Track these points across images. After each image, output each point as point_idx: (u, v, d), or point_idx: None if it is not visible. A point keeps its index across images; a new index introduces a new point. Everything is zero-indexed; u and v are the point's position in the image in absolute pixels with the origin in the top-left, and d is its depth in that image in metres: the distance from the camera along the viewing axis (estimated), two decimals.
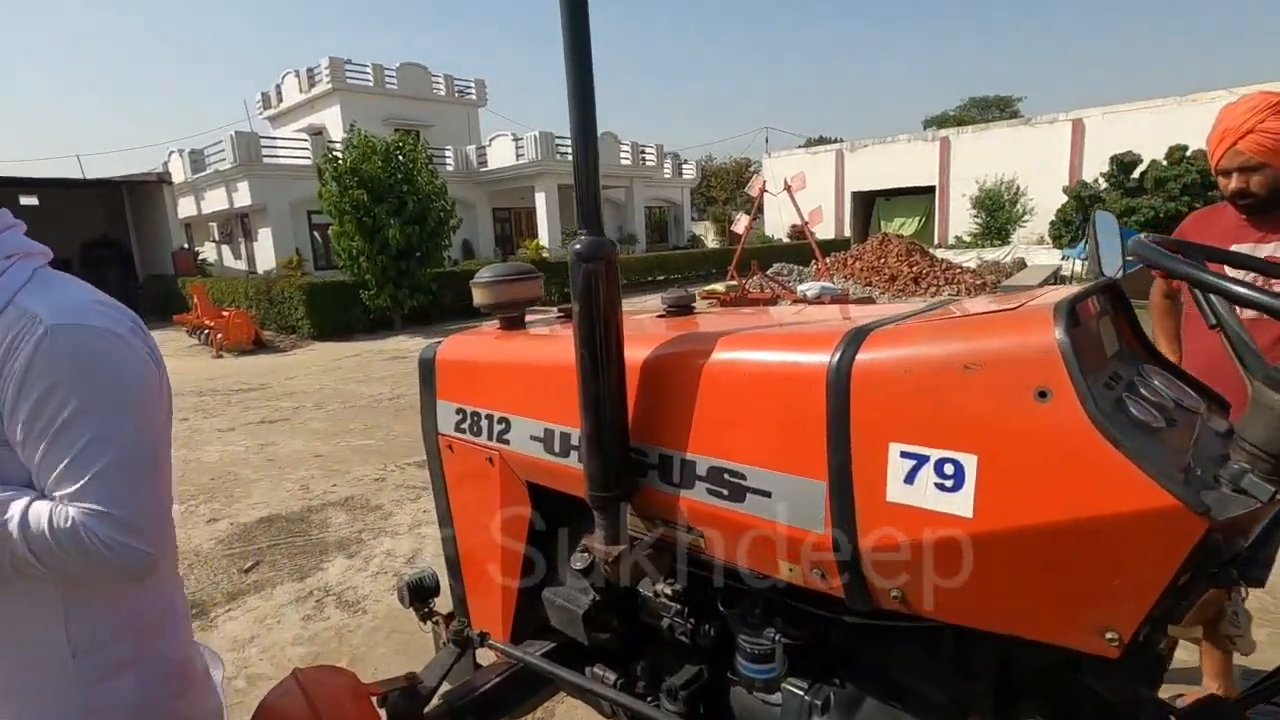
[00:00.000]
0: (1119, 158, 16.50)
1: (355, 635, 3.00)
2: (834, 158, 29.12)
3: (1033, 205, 22.34)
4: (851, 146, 29.14)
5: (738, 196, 42.29)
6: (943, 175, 26.10)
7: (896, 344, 0.92)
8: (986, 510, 0.83)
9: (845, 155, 29.04)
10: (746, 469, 1.05)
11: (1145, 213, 14.94)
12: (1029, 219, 22.43)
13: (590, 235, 1.10)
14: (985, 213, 23.06)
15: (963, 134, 26.75)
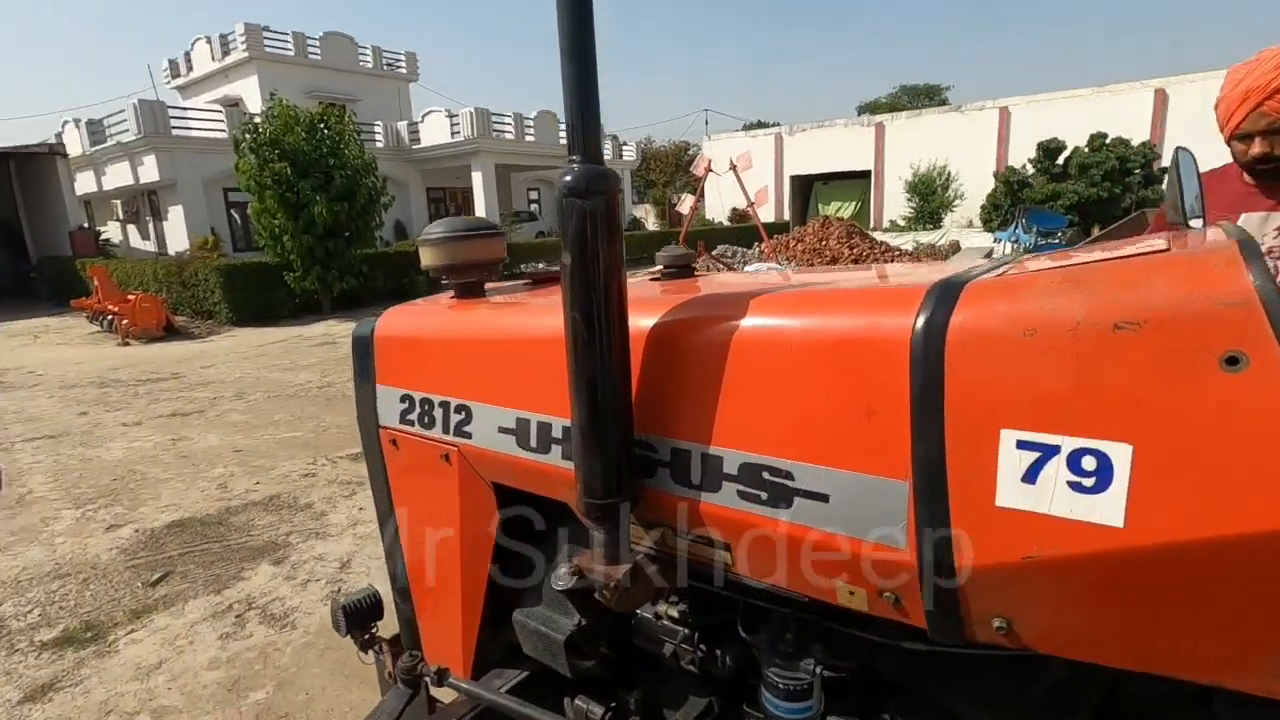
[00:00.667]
0: (1045, 144, 17.12)
1: (283, 654, 2.65)
2: (773, 141, 29.29)
3: (963, 190, 23.03)
4: (790, 130, 29.36)
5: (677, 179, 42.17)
6: (878, 160, 26.61)
7: (1011, 298, 0.70)
8: (1144, 518, 0.62)
9: (784, 139, 29.24)
10: (794, 465, 0.81)
11: (1070, 197, 15.55)
12: (960, 203, 23.13)
13: (584, 164, 0.83)
14: (919, 197, 23.65)
15: (897, 119, 27.30)
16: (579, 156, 0.83)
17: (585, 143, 0.83)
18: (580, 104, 0.83)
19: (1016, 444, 0.67)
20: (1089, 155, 16.05)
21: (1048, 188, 16.21)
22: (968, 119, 24.87)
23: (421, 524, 1.35)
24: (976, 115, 24.61)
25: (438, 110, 24.30)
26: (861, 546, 0.77)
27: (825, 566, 0.82)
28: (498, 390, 1.13)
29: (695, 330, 0.91)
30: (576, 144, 0.84)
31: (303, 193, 11.49)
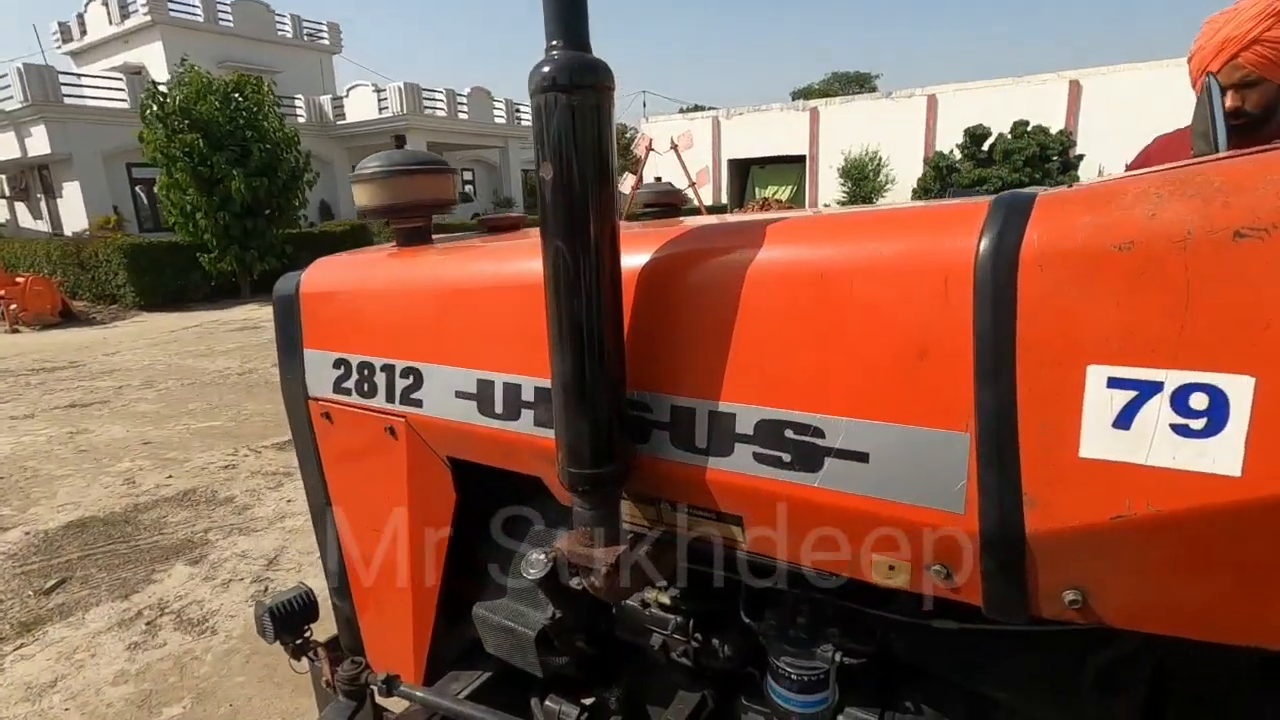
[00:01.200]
0: (971, 130, 17.70)
1: (202, 663, 2.39)
2: (711, 125, 29.31)
3: (894, 175, 23.64)
4: (728, 114, 29.43)
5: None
6: (813, 145, 27.00)
7: (1099, 210, 0.58)
8: (1267, 464, 0.51)
9: (721, 123, 29.30)
10: (825, 420, 0.68)
11: (995, 182, 16.13)
12: (892, 187, 23.74)
13: (567, 50, 0.67)
14: (852, 181, 24.12)
15: (830, 105, 27.74)
16: (560, 42, 0.67)
17: (567, 26, 0.67)
18: None
19: (1107, 382, 0.56)
20: (1012, 142, 16.71)
21: (974, 173, 16.79)
22: (897, 105, 25.50)
23: (363, 510, 1.17)
24: (906, 102, 25.26)
25: (364, 85, 23.19)
26: (908, 513, 0.65)
27: (861, 539, 0.70)
28: (454, 349, 0.95)
29: (699, 267, 0.77)
30: (557, 28, 0.67)
31: (217, 167, 10.69)
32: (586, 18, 0.68)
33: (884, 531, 0.68)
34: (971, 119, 19.16)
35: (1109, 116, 20.08)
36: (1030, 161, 16.30)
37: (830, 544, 0.72)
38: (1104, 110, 20.62)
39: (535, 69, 0.68)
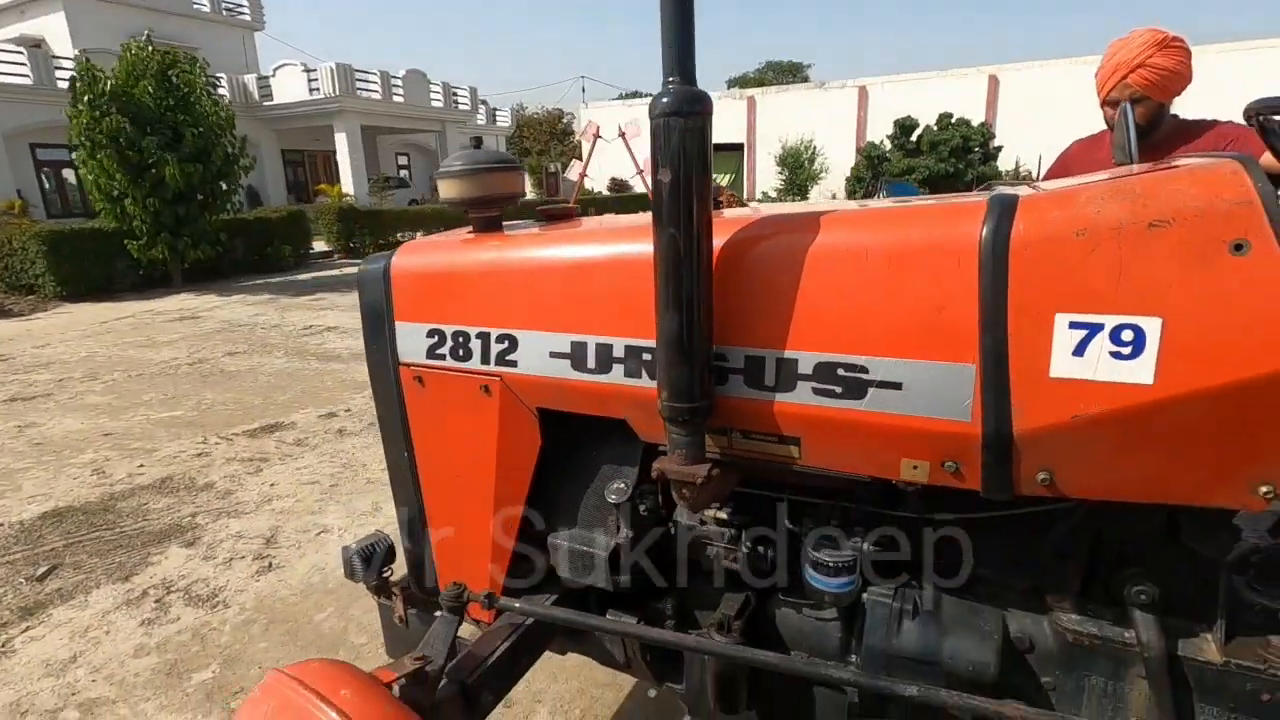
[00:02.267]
0: (901, 121, 18.55)
1: (221, 634, 2.49)
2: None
3: (828, 164, 24.45)
4: None
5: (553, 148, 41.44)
6: (750, 134, 27.57)
7: (1064, 207, 0.85)
8: (1170, 375, 0.79)
9: None
10: (869, 360, 0.93)
11: (922, 171, 17.04)
12: (825, 175, 24.55)
13: (681, 84, 0.89)
14: (788, 170, 24.82)
15: (767, 94, 28.37)
16: (676, 78, 0.89)
17: (682, 64, 0.89)
18: (678, 27, 0.88)
19: (1069, 325, 0.83)
20: (938, 134, 17.65)
21: (904, 162, 17.67)
22: (830, 96, 26.33)
23: (452, 457, 1.36)
24: (838, 93, 26.11)
25: (292, 64, 22.24)
26: (931, 424, 0.91)
27: (894, 446, 0.96)
28: (549, 316, 1.16)
29: (767, 247, 1.00)
30: (674, 66, 0.89)
31: (147, 151, 10.19)
32: (694, 57, 0.90)
33: (911, 439, 0.94)
34: (900, 110, 20.07)
35: (1024, 110, 21.39)
36: (954, 152, 17.25)
37: (870, 452, 0.98)
38: (1019, 104, 21.94)
39: (656, 98, 0.90)
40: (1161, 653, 0.95)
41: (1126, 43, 1.98)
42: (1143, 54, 1.92)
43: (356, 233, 15.61)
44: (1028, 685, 1.08)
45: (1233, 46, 19.55)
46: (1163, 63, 1.89)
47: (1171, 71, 1.87)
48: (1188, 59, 1.89)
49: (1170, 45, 1.88)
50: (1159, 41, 1.90)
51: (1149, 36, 1.94)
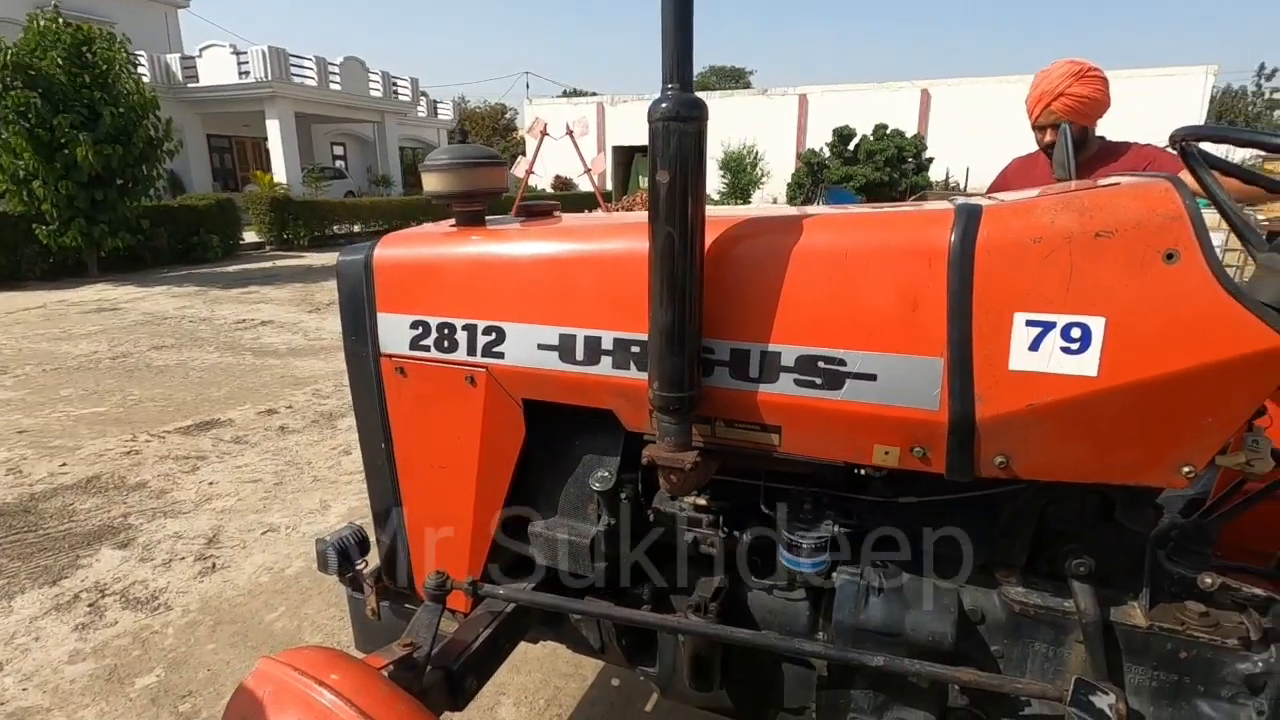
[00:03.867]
0: (839, 130, 19.17)
1: (164, 637, 2.40)
2: (596, 110, 29.47)
3: (769, 169, 25.01)
4: (612, 100, 29.73)
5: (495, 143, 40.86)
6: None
7: (1023, 217, 0.94)
8: (1112, 368, 0.89)
9: (606, 109, 29.55)
10: (847, 354, 1.01)
11: (859, 179, 17.66)
12: (767, 180, 25.10)
13: (681, 91, 0.94)
14: (730, 173, 25.26)
15: (711, 98, 28.77)
16: (676, 85, 0.94)
17: (681, 72, 0.94)
18: (677, 36, 0.93)
19: (1026, 322, 0.92)
20: (874, 143, 18.34)
21: (842, 170, 18.28)
22: (772, 102, 26.95)
23: (433, 448, 1.37)
24: (780, 100, 26.76)
25: (220, 45, 21.18)
26: (902, 413, 1.00)
27: (868, 433, 1.03)
28: (536, 310, 1.19)
29: (753, 246, 1.07)
30: (673, 73, 0.94)
31: (60, 130, 9.54)
32: (692, 66, 0.96)
33: (884, 426, 1.02)
34: (838, 119, 20.74)
35: (954, 124, 22.46)
36: (890, 162, 17.97)
37: (845, 439, 1.06)
38: (950, 118, 23.01)
39: (655, 104, 0.95)
40: (1096, 619, 1.06)
41: (1049, 73, 2.16)
42: (1063, 83, 2.11)
43: (290, 224, 15.02)
44: (980, 653, 1.18)
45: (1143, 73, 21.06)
46: (1081, 91, 2.07)
47: (1090, 98, 2.06)
48: (1105, 86, 2.08)
49: (1087, 75, 2.07)
50: (1076, 72, 2.09)
51: (1068, 68, 2.12)
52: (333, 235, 16.16)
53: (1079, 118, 2.11)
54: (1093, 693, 0.96)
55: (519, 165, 8.90)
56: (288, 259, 13.73)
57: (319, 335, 7.19)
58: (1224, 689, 1.03)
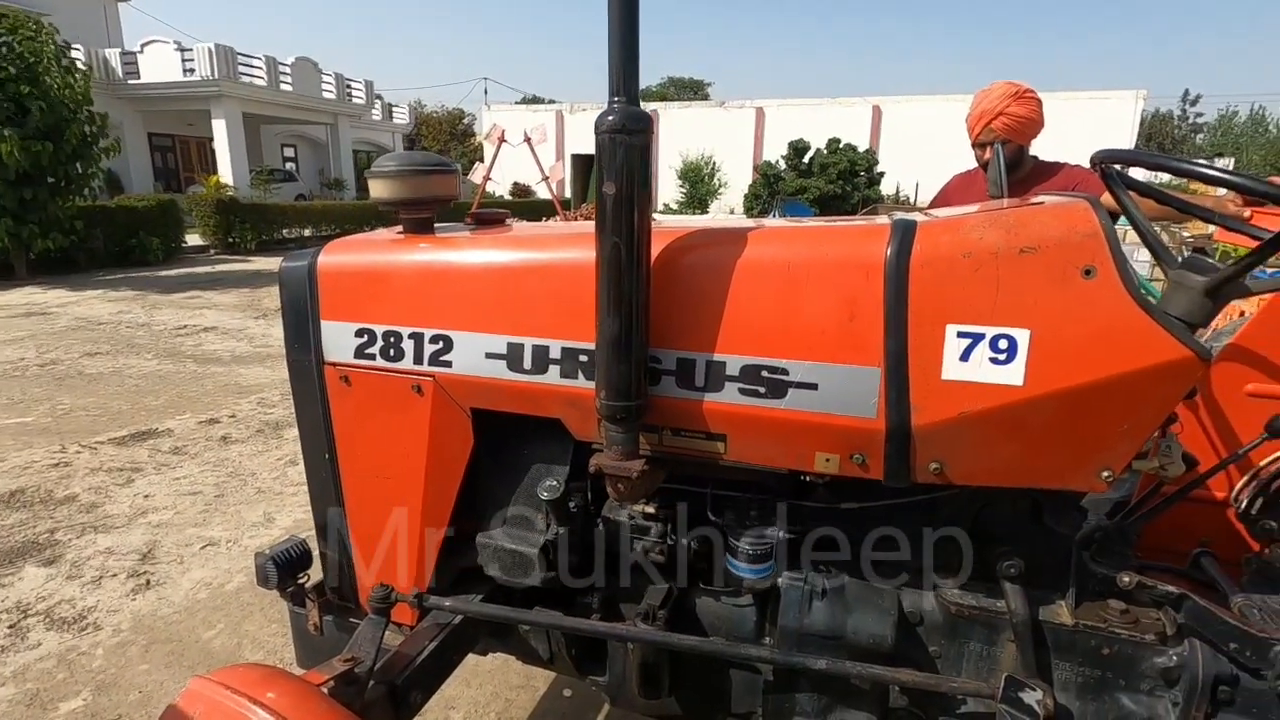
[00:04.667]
0: (794, 143, 19.58)
1: (93, 658, 2.28)
2: (555, 118, 29.43)
3: (727, 179, 25.37)
4: (571, 109, 29.74)
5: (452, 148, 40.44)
6: (653, 145, 28.16)
7: (954, 233, 0.98)
8: (1036, 377, 0.94)
9: (565, 117, 29.54)
10: (790, 363, 1.03)
11: (813, 191, 18.05)
12: (724, 191, 25.45)
13: (627, 105, 0.96)
14: (689, 184, 25.54)
15: (670, 108, 29.10)
16: (622, 98, 0.96)
17: (627, 85, 0.96)
18: (623, 50, 0.95)
19: (957, 334, 0.96)
20: (827, 157, 18.80)
21: (797, 182, 18.67)
22: (730, 115, 27.38)
23: (378, 458, 1.35)
24: (738, 112, 27.20)
25: (163, 41, 20.45)
26: (842, 421, 1.02)
27: (810, 440, 1.06)
28: (485, 319, 1.19)
29: (698, 257, 1.09)
30: (620, 86, 0.96)
31: None
32: (638, 79, 0.97)
33: (825, 434, 1.04)
34: (794, 133, 21.19)
35: (904, 139, 23.17)
36: (842, 175, 18.44)
37: (788, 447, 1.08)
38: (900, 134, 23.73)
39: (602, 116, 0.96)
40: (1025, 618, 1.11)
41: (988, 93, 2.27)
42: (1002, 103, 2.21)
43: (237, 227, 14.54)
44: (918, 653, 1.21)
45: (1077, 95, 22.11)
46: (1019, 111, 2.18)
47: (1026, 118, 2.17)
48: (1039, 107, 2.20)
49: (1024, 96, 2.18)
50: (1014, 93, 2.20)
51: (1006, 89, 2.23)
52: (282, 239, 15.70)
53: (1016, 136, 2.22)
54: (1022, 689, 1.00)
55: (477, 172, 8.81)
56: (234, 263, 13.30)
57: (266, 342, 6.98)
58: (1143, 682, 1.08)
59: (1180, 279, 1.02)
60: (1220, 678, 1.01)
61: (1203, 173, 0.95)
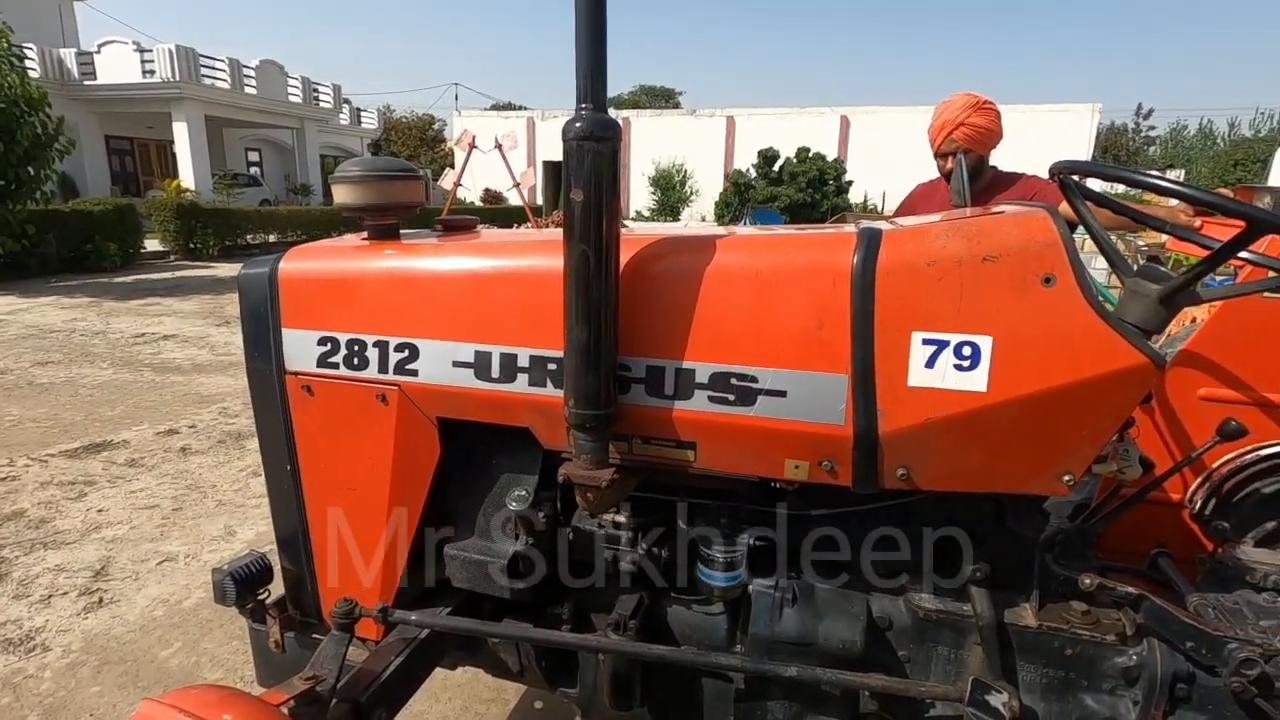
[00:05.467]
0: (764, 152, 19.80)
1: (40, 681, 2.19)
2: (526, 125, 29.35)
3: (698, 187, 25.53)
4: (543, 115, 29.69)
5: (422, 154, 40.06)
6: (625, 152, 28.21)
7: (918, 242, 0.99)
8: (999, 384, 0.95)
9: (537, 123, 29.48)
10: (759, 371, 1.03)
11: (784, 200, 18.25)
12: (696, 198, 25.61)
13: (594, 112, 0.95)
14: (660, 191, 25.64)
15: (642, 116, 29.24)
16: (589, 105, 0.95)
17: (595, 92, 0.95)
18: (591, 55, 0.94)
19: (923, 341, 0.97)
20: (797, 165, 19.03)
21: (767, 190, 18.86)
22: (700, 123, 27.60)
23: (342, 469, 1.31)
24: (708, 121, 27.43)
25: (122, 41, 19.95)
26: (810, 428, 1.03)
27: (779, 448, 1.06)
28: (451, 326, 1.17)
29: (667, 265, 1.09)
30: (587, 93, 0.95)
31: None
32: (606, 87, 0.97)
33: (794, 442, 1.05)
34: (764, 141, 21.42)
35: (871, 149, 23.60)
36: (812, 184, 18.68)
37: (758, 454, 1.08)
38: (867, 143, 24.17)
39: (570, 123, 0.95)
40: (991, 621, 1.12)
41: (949, 105, 2.32)
42: (962, 114, 2.27)
43: (199, 232, 14.18)
44: (888, 658, 1.22)
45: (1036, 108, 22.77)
46: (979, 121, 2.24)
47: (986, 129, 2.23)
48: (998, 118, 2.26)
49: (984, 107, 2.24)
50: (974, 104, 2.26)
51: (967, 100, 2.29)
52: (246, 245, 15.35)
53: (977, 146, 2.27)
54: (988, 692, 1.01)
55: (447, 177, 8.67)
56: (195, 269, 12.96)
57: (228, 350, 6.80)
58: (1105, 682, 1.10)
59: (1136, 287, 1.04)
60: (1178, 675, 1.04)
61: (1154, 184, 0.98)
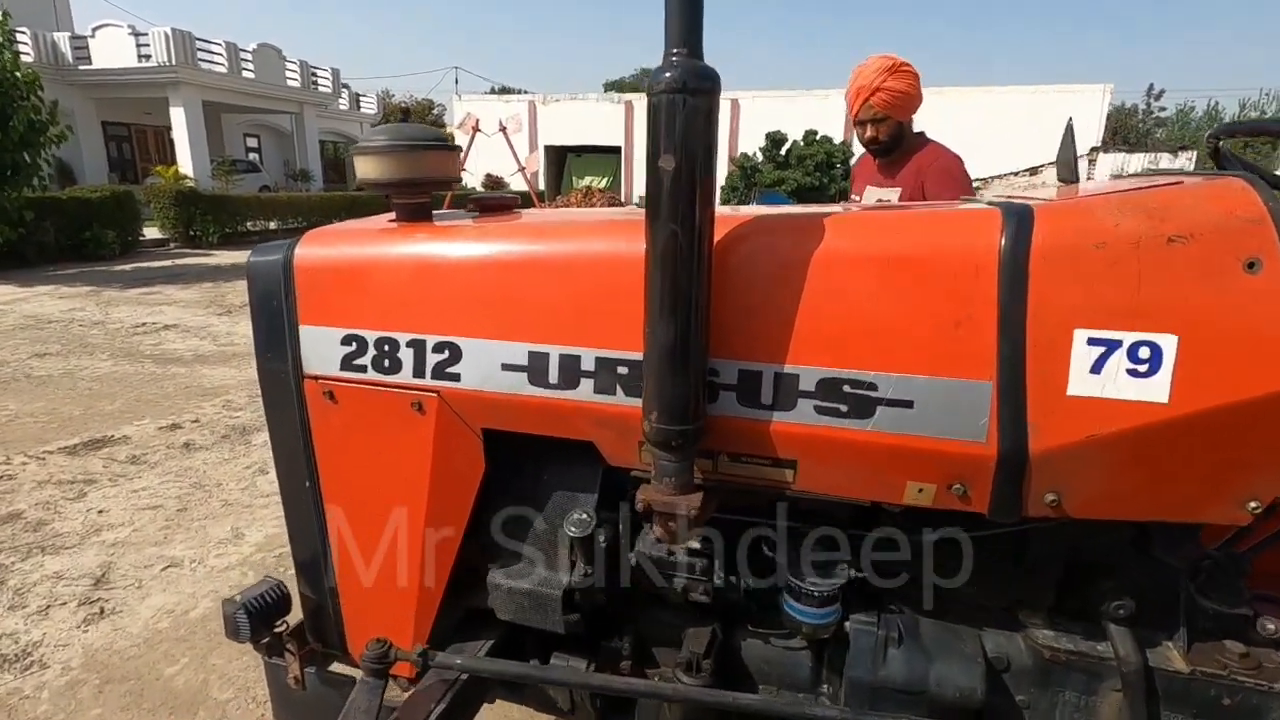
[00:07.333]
0: (772, 135, 19.44)
1: (38, 702, 2.03)
2: (527, 109, 28.94)
3: None
4: (544, 100, 29.27)
5: None
6: (628, 137, 27.84)
7: (1082, 219, 0.81)
8: (1184, 393, 0.78)
9: (539, 108, 29.07)
10: (878, 376, 0.85)
11: (791, 183, 17.95)
12: None
13: (689, 59, 0.77)
14: None
15: (644, 99, 28.79)
16: (683, 50, 0.77)
17: (689, 37, 0.77)
18: None
19: (1087, 341, 0.79)
20: (804, 148, 18.67)
21: (774, 174, 18.52)
22: None
23: (369, 488, 1.14)
24: None
25: (117, 25, 19.59)
26: (941, 445, 0.85)
27: (900, 468, 0.89)
28: (500, 323, 0.99)
29: (764, 251, 0.90)
30: (678, 36, 0.77)
31: None
32: (702, 30, 0.78)
33: (920, 461, 0.87)
34: (770, 124, 21.03)
35: None
36: (819, 167, 18.35)
37: (873, 476, 0.91)
38: None
39: (658, 72, 0.77)
40: (1138, 665, 0.95)
41: (864, 69, 2.15)
42: (878, 78, 2.10)
43: (198, 219, 13.98)
44: (1004, 704, 1.05)
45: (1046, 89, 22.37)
46: (896, 85, 2.08)
47: (903, 93, 2.08)
48: (916, 81, 2.12)
49: (900, 70, 2.07)
50: (889, 67, 2.09)
51: (882, 63, 2.12)
52: (246, 232, 15.14)
53: (895, 111, 2.13)
54: None
55: None
56: (195, 257, 12.76)
57: (230, 340, 6.63)
58: None
59: None
60: None
61: None
